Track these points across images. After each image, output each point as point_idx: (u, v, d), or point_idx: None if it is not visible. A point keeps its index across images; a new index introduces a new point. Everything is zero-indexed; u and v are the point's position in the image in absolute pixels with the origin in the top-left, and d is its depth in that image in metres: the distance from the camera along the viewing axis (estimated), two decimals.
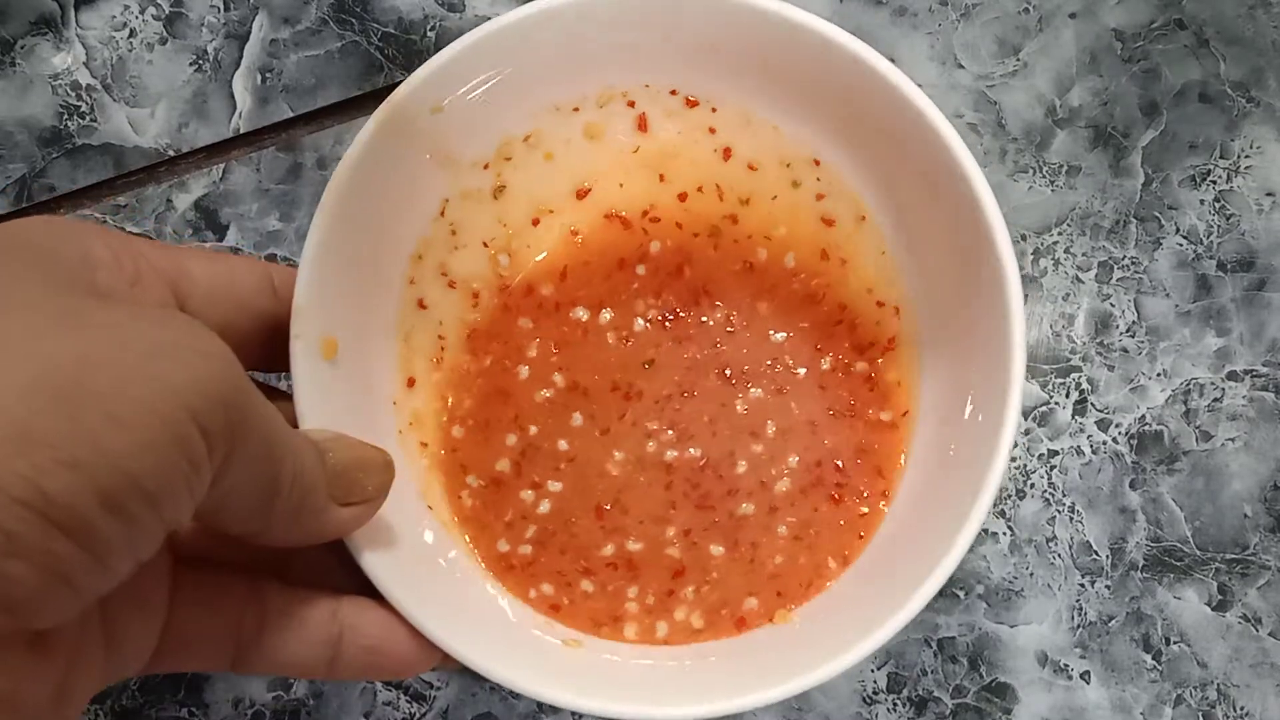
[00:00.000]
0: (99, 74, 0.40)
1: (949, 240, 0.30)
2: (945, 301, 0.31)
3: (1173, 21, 0.41)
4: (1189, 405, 0.38)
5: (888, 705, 0.35)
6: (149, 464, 0.18)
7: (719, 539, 0.32)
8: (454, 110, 0.30)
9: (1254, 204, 0.39)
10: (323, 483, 0.23)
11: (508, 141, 0.33)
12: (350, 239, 0.29)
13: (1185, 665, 0.36)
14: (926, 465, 0.31)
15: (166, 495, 0.18)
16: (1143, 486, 0.37)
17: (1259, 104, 0.40)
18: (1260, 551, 0.36)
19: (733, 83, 0.32)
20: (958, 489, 0.28)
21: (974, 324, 0.29)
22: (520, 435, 0.32)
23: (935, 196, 0.30)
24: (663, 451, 0.32)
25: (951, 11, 0.41)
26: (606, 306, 0.33)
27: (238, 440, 0.20)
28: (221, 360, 0.20)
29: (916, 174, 0.30)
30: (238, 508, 0.22)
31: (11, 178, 0.39)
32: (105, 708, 0.35)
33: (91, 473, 0.17)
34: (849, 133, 0.32)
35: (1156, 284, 0.39)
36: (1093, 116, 0.40)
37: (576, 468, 0.32)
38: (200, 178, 0.39)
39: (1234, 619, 0.36)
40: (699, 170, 0.34)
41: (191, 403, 0.18)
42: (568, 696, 0.26)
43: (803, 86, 0.31)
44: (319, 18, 0.40)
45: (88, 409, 0.17)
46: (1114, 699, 0.35)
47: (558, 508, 0.32)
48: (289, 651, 0.24)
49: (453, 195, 0.32)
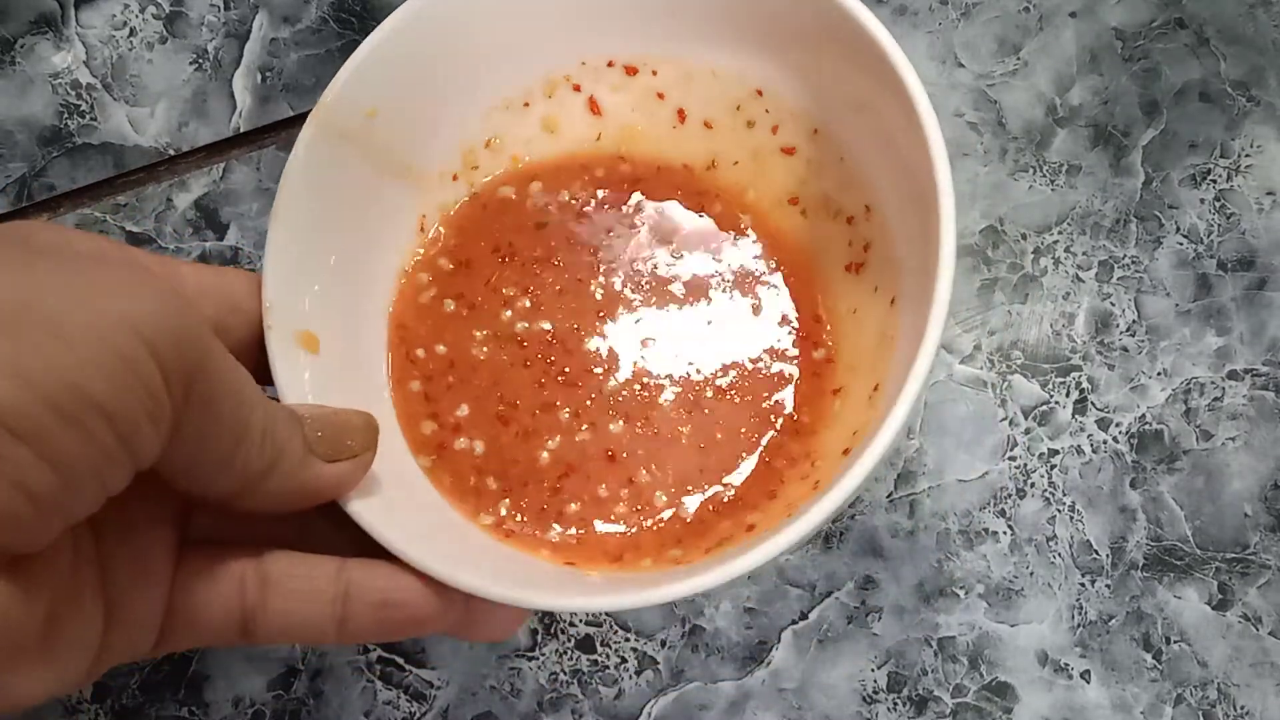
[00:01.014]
0: (99, 73, 0.40)
1: (887, 134, 0.29)
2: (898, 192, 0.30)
3: (1173, 20, 0.41)
4: (1189, 404, 0.38)
5: (888, 704, 0.35)
6: (99, 379, 0.18)
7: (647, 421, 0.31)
8: (390, 115, 0.30)
9: (1254, 203, 0.39)
10: (299, 438, 0.23)
11: (470, 150, 0.33)
12: (316, 244, 0.29)
13: (1185, 664, 0.36)
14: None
15: (123, 415, 0.18)
16: (1143, 486, 0.37)
17: (1259, 103, 0.40)
18: (1260, 551, 0.36)
19: (661, 33, 0.32)
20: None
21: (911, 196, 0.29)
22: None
23: (869, 90, 0.29)
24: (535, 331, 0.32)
25: (952, 10, 0.41)
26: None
27: (198, 378, 0.20)
28: (175, 299, 0.20)
29: (848, 71, 0.30)
30: (205, 461, 0.22)
31: (11, 177, 0.39)
32: (105, 707, 0.35)
33: (38, 383, 0.17)
34: (777, 48, 0.31)
35: (1157, 283, 0.39)
36: (1093, 115, 0.40)
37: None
38: (200, 177, 0.39)
39: (1234, 618, 0.36)
40: (662, 145, 0.34)
41: (142, 329, 0.19)
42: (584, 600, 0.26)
43: (724, 12, 0.31)
44: (319, 17, 0.40)
45: (32, 330, 0.18)
46: (1114, 698, 0.35)
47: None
48: (296, 614, 0.24)
49: (428, 210, 0.32)
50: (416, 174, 0.32)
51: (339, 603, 0.24)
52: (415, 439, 0.31)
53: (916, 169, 0.27)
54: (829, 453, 0.30)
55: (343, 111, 0.29)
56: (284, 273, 0.28)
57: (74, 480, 0.18)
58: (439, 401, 0.31)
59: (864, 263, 0.32)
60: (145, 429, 0.19)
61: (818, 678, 0.36)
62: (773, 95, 0.33)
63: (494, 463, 0.31)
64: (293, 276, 0.28)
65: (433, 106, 0.32)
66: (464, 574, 0.25)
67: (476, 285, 0.32)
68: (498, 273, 0.32)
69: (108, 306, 0.19)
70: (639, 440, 0.31)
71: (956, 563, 0.36)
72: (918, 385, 0.25)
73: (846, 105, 0.31)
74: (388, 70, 0.30)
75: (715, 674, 0.36)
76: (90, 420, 0.18)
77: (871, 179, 0.31)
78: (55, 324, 0.18)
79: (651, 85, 0.33)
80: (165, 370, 0.19)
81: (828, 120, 0.32)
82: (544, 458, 0.31)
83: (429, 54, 0.31)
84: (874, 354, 0.30)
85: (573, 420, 0.31)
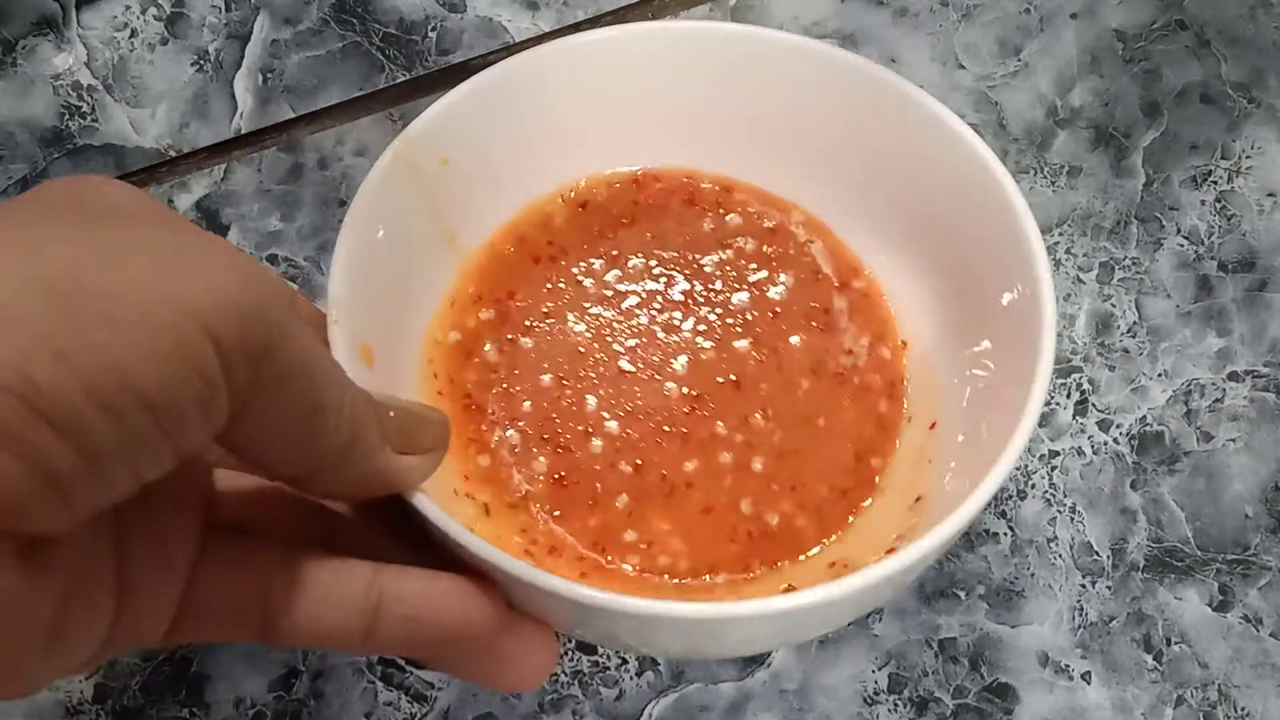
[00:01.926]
0: (100, 74, 0.40)
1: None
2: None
3: (1174, 22, 0.41)
4: (1190, 406, 0.38)
5: (889, 706, 0.35)
6: (147, 369, 0.17)
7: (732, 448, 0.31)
8: (458, 169, 0.30)
9: (1255, 204, 0.39)
10: (375, 424, 0.22)
11: (515, 224, 0.32)
12: (376, 261, 0.28)
13: (1186, 666, 0.36)
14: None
15: (169, 405, 0.17)
16: (1144, 487, 0.37)
17: (1260, 104, 0.40)
18: (1261, 552, 0.36)
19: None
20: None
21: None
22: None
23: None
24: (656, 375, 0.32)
25: (952, 12, 0.41)
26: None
27: (266, 360, 0.19)
28: (247, 273, 0.18)
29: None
30: (276, 439, 0.20)
31: (13, 178, 0.39)
32: (106, 708, 0.35)
33: (81, 366, 0.16)
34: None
35: (1157, 284, 0.39)
36: (1094, 117, 0.40)
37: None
38: (201, 178, 0.39)
39: (1235, 619, 0.36)
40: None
41: (202, 311, 0.17)
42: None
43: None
44: (320, 18, 0.40)
45: (83, 305, 0.16)
46: (1115, 699, 0.35)
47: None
48: (323, 622, 0.23)
49: (459, 283, 0.32)
50: (458, 247, 0.32)
51: (369, 614, 0.23)
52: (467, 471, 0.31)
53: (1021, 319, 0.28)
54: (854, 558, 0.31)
55: (422, 148, 0.29)
56: (350, 276, 0.27)
57: (107, 470, 0.17)
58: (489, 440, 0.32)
59: (899, 395, 0.32)
60: (194, 419, 0.18)
61: (818, 679, 0.36)
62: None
63: (544, 494, 0.31)
64: (357, 282, 0.27)
65: (494, 179, 0.32)
66: (526, 571, 0.24)
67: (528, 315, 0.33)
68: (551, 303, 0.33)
69: (168, 285, 0.17)
70: (687, 501, 0.31)
71: (957, 564, 0.36)
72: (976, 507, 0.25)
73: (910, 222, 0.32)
74: (469, 122, 0.30)
75: (716, 675, 0.36)
76: (132, 411, 0.17)
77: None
78: (108, 302, 0.17)
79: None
80: (226, 356, 0.18)
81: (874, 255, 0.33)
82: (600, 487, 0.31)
83: (510, 116, 0.31)
84: (911, 473, 0.31)
85: (622, 453, 0.31)
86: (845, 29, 0.41)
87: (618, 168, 0.33)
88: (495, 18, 0.40)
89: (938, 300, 0.32)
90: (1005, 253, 0.29)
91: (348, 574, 0.23)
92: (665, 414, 0.32)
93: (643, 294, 0.33)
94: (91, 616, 0.20)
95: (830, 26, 0.41)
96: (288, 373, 0.19)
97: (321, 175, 0.39)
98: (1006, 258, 0.29)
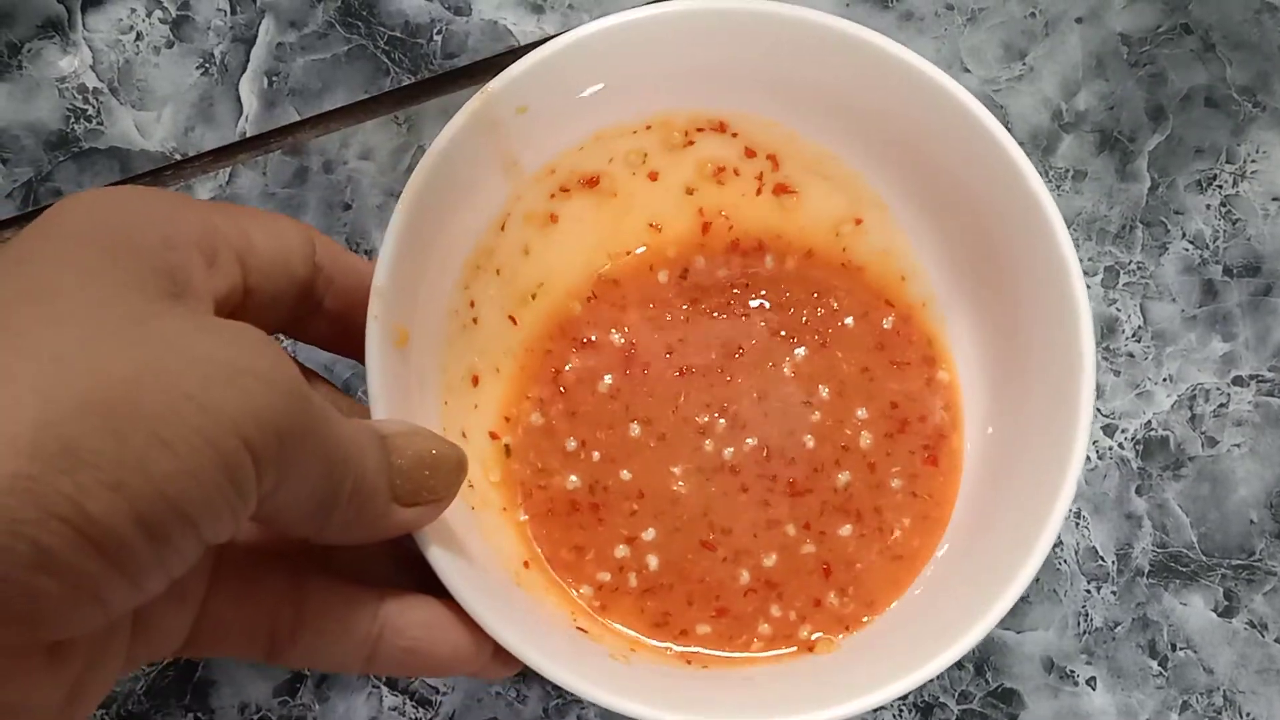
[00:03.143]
0: (105, 77, 0.40)
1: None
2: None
3: (1179, 26, 0.41)
4: (1195, 411, 0.38)
5: (893, 711, 0.35)
6: (193, 490, 0.18)
7: (839, 518, 0.32)
8: (534, 114, 0.30)
9: (1260, 209, 0.39)
10: (384, 487, 0.23)
11: (574, 158, 0.32)
12: (424, 230, 0.28)
13: (1191, 671, 0.36)
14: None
15: (207, 520, 0.18)
16: (1149, 492, 0.37)
17: (1265, 109, 0.40)
18: (1266, 557, 0.36)
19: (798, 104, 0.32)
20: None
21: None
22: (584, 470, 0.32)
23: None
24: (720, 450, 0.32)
25: (958, 16, 0.41)
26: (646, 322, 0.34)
27: (291, 465, 0.20)
28: (284, 389, 0.19)
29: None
30: (291, 519, 0.21)
31: (18, 181, 0.39)
32: (111, 713, 0.35)
33: (133, 496, 0.17)
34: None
35: (1162, 289, 0.39)
36: (1099, 121, 0.40)
37: (651, 503, 0.32)
38: (206, 181, 0.39)
39: (1240, 625, 0.36)
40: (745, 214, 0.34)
41: (246, 431, 0.18)
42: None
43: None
44: (325, 21, 0.40)
45: (137, 430, 0.17)
46: (1120, 705, 0.35)
47: (664, 558, 0.32)
48: (326, 649, 0.24)
49: (514, 212, 0.32)
50: (519, 171, 0.32)
51: (370, 643, 0.24)
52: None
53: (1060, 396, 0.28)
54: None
55: (503, 100, 0.29)
56: (398, 261, 0.27)
57: (145, 584, 0.18)
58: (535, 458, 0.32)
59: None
60: (226, 524, 0.19)
61: None
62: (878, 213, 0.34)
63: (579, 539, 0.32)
64: (402, 270, 0.27)
65: (569, 116, 0.31)
66: (531, 650, 0.25)
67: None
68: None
69: (220, 405, 0.18)
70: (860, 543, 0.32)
71: None
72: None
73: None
74: (553, 75, 0.30)
75: None
76: (175, 531, 0.18)
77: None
78: (162, 425, 0.17)
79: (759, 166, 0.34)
80: (261, 468, 0.19)
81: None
82: (745, 579, 0.32)
83: (596, 72, 0.31)
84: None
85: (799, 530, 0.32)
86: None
87: (701, 105, 0.33)
88: (500, 21, 0.40)
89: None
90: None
91: (353, 604, 0.24)
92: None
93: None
94: (107, 677, 0.21)
95: None
96: (309, 469, 0.20)
97: (327, 179, 0.39)
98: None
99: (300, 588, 0.24)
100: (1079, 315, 0.28)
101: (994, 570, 0.27)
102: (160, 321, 0.19)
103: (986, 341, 0.32)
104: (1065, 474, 0.27)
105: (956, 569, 0.30)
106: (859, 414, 0.33)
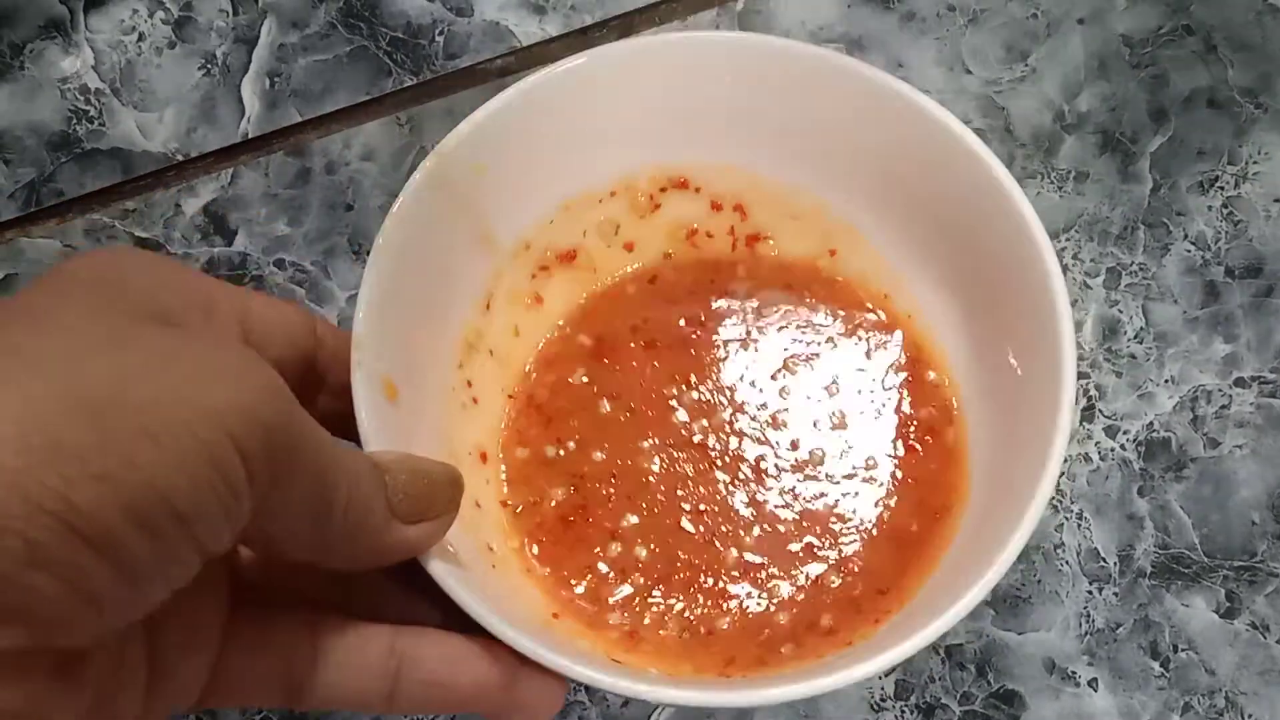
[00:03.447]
0: (108, 78, 0.40)
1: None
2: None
3: (1181, 27, 0.41)
4: (1197, 412, 0.38)
5: (895, 712, 0.35)
6: (181, 482, 0.18)
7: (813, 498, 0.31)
8: (494, 176, 0.30)
9: (1262, 210, 0.39)
10: (381, 502, 0.23)
11: (545, 228, 0.32)
12: (402, 288, 0.28)
13: (1193, 673, 0.36)
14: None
15: (200, 517, 0.18)
16: (1150, 493, 0.37)
17: (1267, 110, 0.40)
18: (1268, 559, 0.36)
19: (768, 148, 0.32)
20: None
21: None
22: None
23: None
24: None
25: (960, 17, 0.41)
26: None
27: (284, 468, 0.19)
28: (270, 389, 0.19)
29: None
30: (289, 535, 0.21)
31: (20, 182, 0.39)
32: None
33: (120, 487, 0.17)
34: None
35: (1164, 290, 0.39)
36: (1101, 122, 0.40)
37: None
38: (208, 182, 0.39)
39: (1242, 626, 0.36)
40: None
41: (232, 426, 0.18)
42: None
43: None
44: (327, 22, 0.40)
45: (122, 423, 0.17)
46: (1122, 706, 0.35)
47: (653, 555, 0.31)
48: (344, 688, 0.24)
49: (497, 288, 0.32)
50: (495, 245, 0.32)
51: (389, 679, 0.24)
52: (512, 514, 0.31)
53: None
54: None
55: (457, 161, 0.29)
56: (376, 313, 0.27)
57: (141, 585, 0.18)
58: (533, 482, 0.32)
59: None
60: (221, 526, 0.19)
61: None
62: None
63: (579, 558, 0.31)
64: (383, 318, 0.28)
65: (530, 179, 0.31)
66: (547, 651, 0.24)
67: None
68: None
69: (203, 400, 0.18)
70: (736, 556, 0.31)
71: None
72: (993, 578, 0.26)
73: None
74: (506, 131, 0.30)
75: None
76: (168, 528, 0.18)
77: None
78: (146, 418, 0.17)
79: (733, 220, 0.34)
80: (251, 467, 0.19)
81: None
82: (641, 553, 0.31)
83: (547, 124, 0.31)
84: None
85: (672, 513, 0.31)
86: (852, 34, 0.41)
87: (659, 160, 0.33)
88: (502, 22, 0.40)
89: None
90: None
91: (367, 640, 0.24)
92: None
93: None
94: (123, 706, 0.20)
95: (837, 31, 0.41)
96: (299, 476, 0.20)
97: (329, 179, 0.39)
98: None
99: (315, 629, 0.24)
100: (1054, 296, 0.28)
101: (978, 555, 0.27)
102: (146, 335, 0.19)
103: (971, 335, 0.32)
104: (1047, 460, 0.26)
105: (951, 557, 0.30)
106: (839, 398, 0.32)
